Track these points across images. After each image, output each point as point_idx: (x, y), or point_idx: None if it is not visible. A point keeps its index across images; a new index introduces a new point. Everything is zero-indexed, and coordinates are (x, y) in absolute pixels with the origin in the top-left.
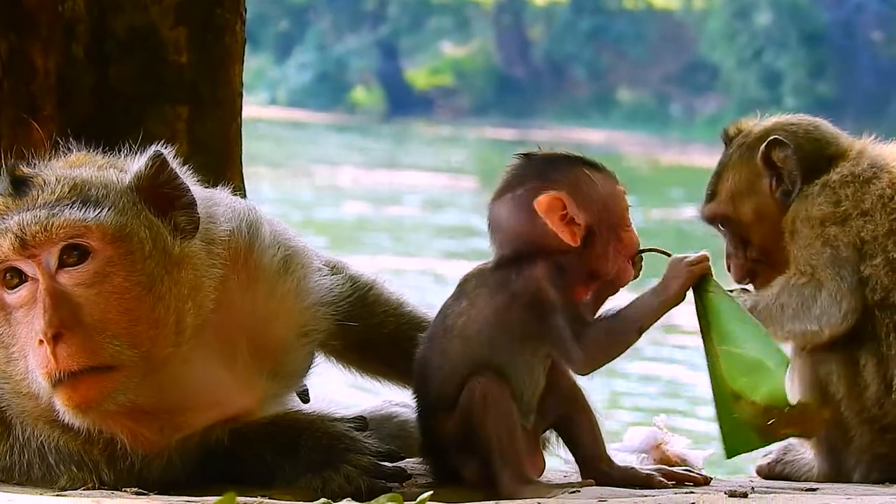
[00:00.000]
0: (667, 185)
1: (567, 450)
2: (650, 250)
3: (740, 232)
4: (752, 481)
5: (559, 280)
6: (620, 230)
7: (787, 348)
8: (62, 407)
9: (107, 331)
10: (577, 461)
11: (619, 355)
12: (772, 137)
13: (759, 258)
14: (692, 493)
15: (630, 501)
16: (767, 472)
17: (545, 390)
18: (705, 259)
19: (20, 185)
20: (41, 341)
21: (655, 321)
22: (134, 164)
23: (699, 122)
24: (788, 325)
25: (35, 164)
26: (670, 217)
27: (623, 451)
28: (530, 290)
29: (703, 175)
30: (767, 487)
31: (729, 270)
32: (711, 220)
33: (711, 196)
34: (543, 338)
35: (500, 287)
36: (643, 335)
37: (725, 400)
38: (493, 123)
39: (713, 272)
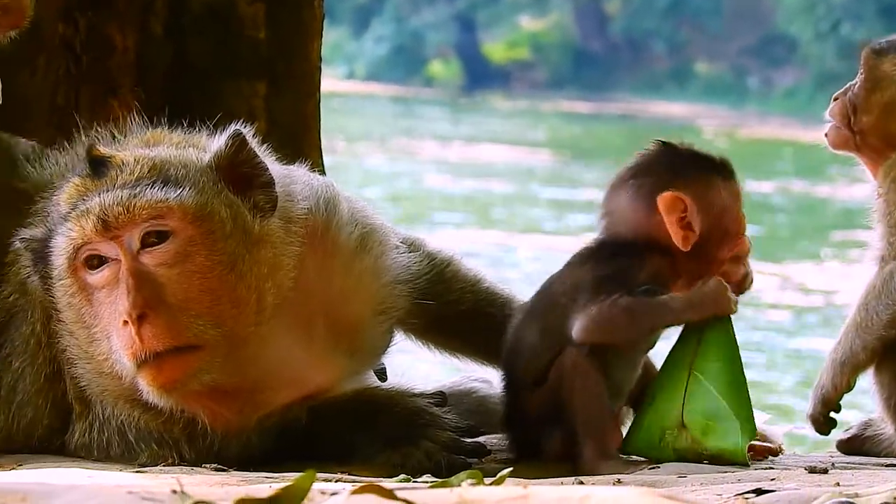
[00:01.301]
0: (744, 159)
1: None
2: None
3: (862, 114)
4: (832, 457)
5: (663, 278)
6: (735, 236)
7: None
8: (147, 387)
9: (190, 310)
10: None
11: (615, 341)
12: None
13: (857, 132)
14: (772, 468)
15: (710, 478)
16: (847, 448)
17: None
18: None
19: (99, 166)
20: (125, 322)
21: (667, 327)
22: (213, 143)
23: (776, 96)
24: (878, 318)
25: (112, 142)
26: (747, 190)
27: None
28: (628, 274)
29: (780, 147)
30: (848, 463)
31: (833, 101)
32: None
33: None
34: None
35: (609, 269)
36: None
37: (664, 411)
38: (569, 97)
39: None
